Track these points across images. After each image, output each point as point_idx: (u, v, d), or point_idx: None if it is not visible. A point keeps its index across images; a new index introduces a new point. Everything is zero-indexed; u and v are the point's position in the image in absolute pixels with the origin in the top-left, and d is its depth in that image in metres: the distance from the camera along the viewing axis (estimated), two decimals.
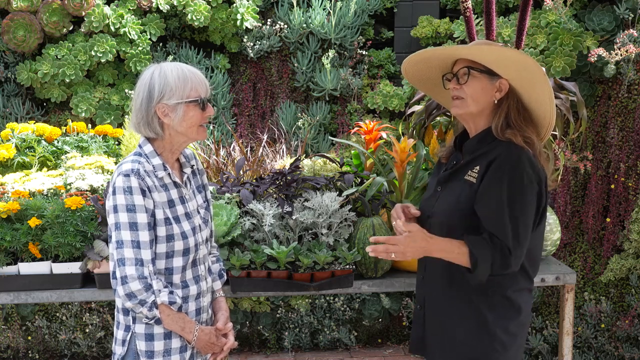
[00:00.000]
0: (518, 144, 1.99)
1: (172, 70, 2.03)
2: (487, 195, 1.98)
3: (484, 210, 1.99)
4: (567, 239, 4.27)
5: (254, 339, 4.56)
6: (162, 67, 2.05)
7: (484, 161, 2.02)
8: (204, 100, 2.06)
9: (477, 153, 2.06)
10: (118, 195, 1.98)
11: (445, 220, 2.07)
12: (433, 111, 2.99)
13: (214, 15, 4.45)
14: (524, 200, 1.97)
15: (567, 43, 3.94)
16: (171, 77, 2.02)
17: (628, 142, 4.07)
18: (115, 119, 4.38)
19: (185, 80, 2.03)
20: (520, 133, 2.01)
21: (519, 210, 1.96)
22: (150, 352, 2.05)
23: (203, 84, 2.07)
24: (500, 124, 2.03)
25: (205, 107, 2.07)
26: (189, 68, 2.06)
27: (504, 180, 1.96)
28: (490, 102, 2.05)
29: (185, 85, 2.03)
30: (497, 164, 1.98)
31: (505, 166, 1.96)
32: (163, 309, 2.01)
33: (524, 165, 1.96)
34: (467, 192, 2.03)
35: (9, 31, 4.28)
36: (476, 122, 2.10)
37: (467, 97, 2.06)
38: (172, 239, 2.04)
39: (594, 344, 4.17)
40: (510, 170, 1.96)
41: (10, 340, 4.38)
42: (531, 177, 1.97)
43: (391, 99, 4.43)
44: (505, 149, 1.99)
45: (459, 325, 2.09)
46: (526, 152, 1.99)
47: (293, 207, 2.74)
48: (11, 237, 2.61)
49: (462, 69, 2.06)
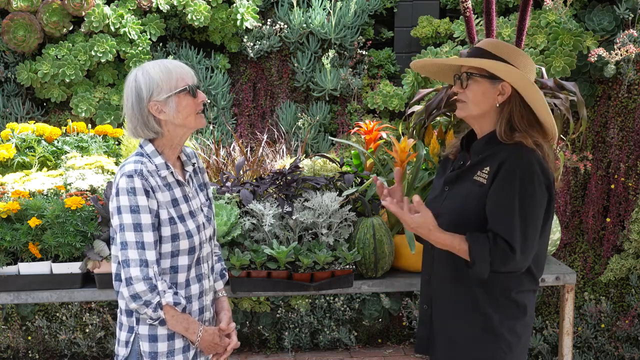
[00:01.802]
0: (528, 146, 2.00)
1: (154, 67, 2.04)
2: (499, 196, 1.99)
3: (495, 210, 2.00)
4: (567, 239, 4.27)
5: (254, 339, 4.56)
6: (143, 67, 2.06)
7: (495, 162, 2.02)
8: (192, 87, 2.06)
9: (486, 154, 2.07)
10: (122, 197, 1.98)
11: (454, 219, 2.07)
12: (433, 111, 2.99)
13: (214, 15, 4.45)
14: (535, 203, 1.98)
15: (567, 43, 3.94)
16: (154, 73, 2.03)
17: (628, 142, 4.07)
18: (115, 119, 4.38)
19: (169, 73, 2.03)
20: (529, 136, 2.01)
21: (530, 212, 1.98)
22: (154, 353, 2.04)
23: (188, 72, 2.08)
24: (504, 127, 2.03)
25: (195, 94, 2.07)
26: (170, 61, 2.08)
27: (515, 182, 1.97)
28: (493, 106, 2.05)
29: (170, 78, 2.03)
30: (509, 166, 1.99)
31: (517, 168, 1.97)
32: (167, 310, 2.01)
33: (535, 168, 1.98)
34: (476, 192, 2.04)
35: (9, 31, 4.28)
36: (481, 124, 2.11)
37: (469, 101, 2.07)
38: (177, 238, 2.04)
39: (594, 344, 4.17)
40: (522, 173, 1.97)
41: (10, 340, 4.38)
42: (541, 179, 1.98)
43: (391, 99, 4.43)
44: (516, 150, 2.00)
45: (465, 326, 2.09)
46: (536, 154, 2.00)
47: (293, 207, 2.74)
48: (11, 237, 2.61)
49: (464, 73, 2.07)
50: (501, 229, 1.97)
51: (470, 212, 2.04)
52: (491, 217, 2.00)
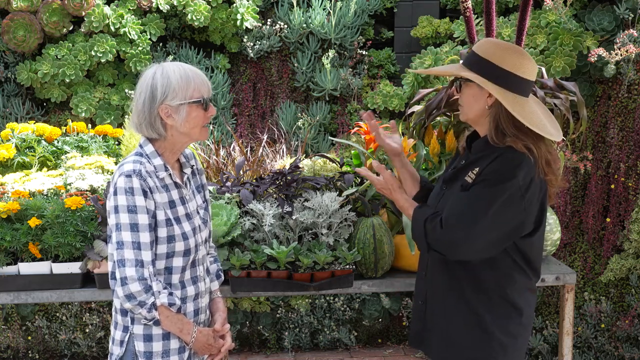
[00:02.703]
0: (519, 149, 1.99)
1: (175, 71, 2.02)
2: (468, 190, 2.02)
3: (452, 198, 2.05)
4: (567, 239, 4.27)
5: (254, 339, 4.56)
6: (164, 67, 2.03)
7: (484, 163, 2.02)
8: (206, 100, 2.05)
9: (480, 154, 2.07)
10: (119, 196, 1.97)
11: None
12: (433, 111, 2.98)
13: (214, 15, 4.45)
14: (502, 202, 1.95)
15: (567, 43, 3.94)
16: (174, 77, 2.00)
17: (628, 142, 4.07)
18: (115, 119, 4.38)
19: (188, 81, 2.02)
20: (519, 140, 2.00)
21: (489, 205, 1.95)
22: (148, 353, 2.04)
23: (205, 84, 2.06)
24: (493, 131, 2.03)
25: (207, 108, 2.06)
26: (191, 68, 2.05)
27: (487, 182, 1.97)
28: (484, 109, 2.06)
29: (188, 86, 2.01)
30: (490, 168, 1.99)
31: (496, 171, 1.97)
32: (162, 310, 2.01)
33: (515, 174, 1.96)
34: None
35: (9, 31, 4.28)
36: (479, 127, 2.13)
37: (464, 104, 2.11)
38: (173, 239, 2.04)
39: (594, 344, 4.17)
40: (499, 175, 1.96)
41: (10, 340, 4.39)
42: (519, 183, 1.96)
43: (391, 99, 4.43)
44: (503, 154, 2.00)
45: (457, 324, 2.09)
46: (526, 159, 1.98)
47: (293, 207, 2.74)
48: (11, 237, 2.61)
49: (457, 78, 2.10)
50: (447, 207, 2.03)
51: None
52: (450, 200, 2.06)
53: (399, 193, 2.20)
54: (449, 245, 2.00)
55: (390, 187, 2.20)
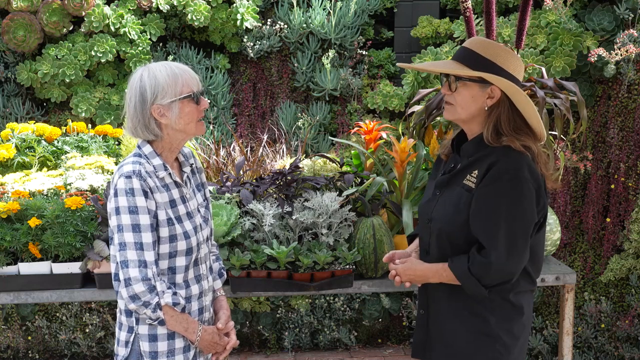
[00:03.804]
0: (516, 149, 1.98)
1: (161, 70, 2.02)
2: (484, 201, 1.98)
3: (478, 215, 1.99)
4: (567, 239, 4.27)
5: (254, 339, 4.56)
6: (149, 68, 2.04)
7: (483, 165, 2.00)
8: (197, 94, 2.05)
9: (475, 156, 2.05)
10: (120, 197, 1.97)
11: (444, 227, 2.06)
12: (433, 111, 2.99)
13: (214, 15, 4.45)
14: (523, 211, 1.96)
15: (567, 43, 3.94)
16: (161, 76, 2.01)
17: (628, 142, 4.07)
18: (115, 119, 4.38)
19: (176, 78, 2.02)
20: (517, 139, 1.99)
21: (517, 216, 1.96)
22: (154, 353, 2.04)
23: (193, 78, 2.06)
24: (491, 131, 2.01)
25: (199, 101, 2.06)
26: (177, 65, 2.06)
27: (502, 187, 1.95)
28: (482, 109, 2.03)
29: (177, 83, 2.02)
30: (496, 170, 1.97)
31: (505, 173, 1.96)
32: (167, 310, 2.01)
33: (524, 172, 1.96)
34: (465, 197, 2.02)
35: (9, 31, 4.28)
36: (469, 127, 2.10)
37: (457, 104, 2.05)
38: (175, 239, 2.04)
39: (594, 344, 4.17)
40: (509, 177, 1.95)
41: (10, 340, 4.39)
42: (530, 184, 1.96)
43: (391, 99, 4.43)
44: (504, 154, 1.98)
45: (461, 329, 2.08)
46: (525, 157, 1.98)
47: (293, 207, 2.74)
48: (11, 237, 2.61)
49: (452, 76, 2.04)
50: (481, 234, 1.97)
51: (461, 220, 2.02)
52: (474, 221, 1.99)
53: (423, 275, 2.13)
54: (502, 274, 1.99)
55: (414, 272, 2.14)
